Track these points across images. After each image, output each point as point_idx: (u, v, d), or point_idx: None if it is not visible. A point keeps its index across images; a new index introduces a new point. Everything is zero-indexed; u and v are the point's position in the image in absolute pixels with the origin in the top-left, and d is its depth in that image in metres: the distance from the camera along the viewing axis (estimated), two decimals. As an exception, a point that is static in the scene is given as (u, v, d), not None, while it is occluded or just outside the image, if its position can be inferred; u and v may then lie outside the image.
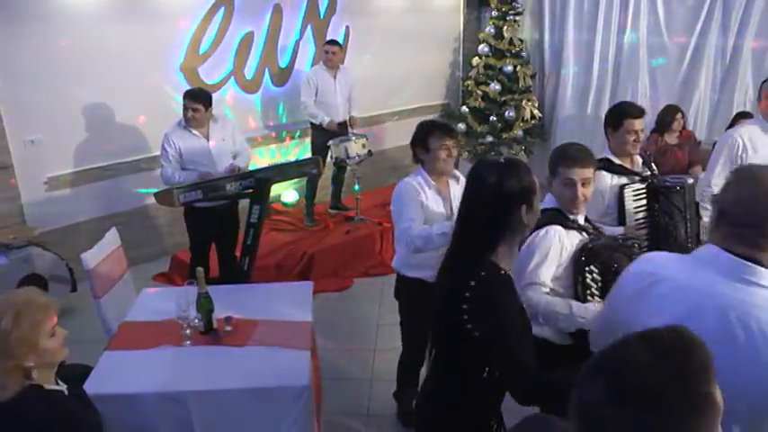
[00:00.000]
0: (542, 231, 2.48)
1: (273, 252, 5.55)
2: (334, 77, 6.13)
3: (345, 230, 5.92)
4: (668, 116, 5.58)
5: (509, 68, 7.28)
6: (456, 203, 2.95)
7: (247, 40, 6.23)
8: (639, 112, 3.31)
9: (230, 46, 6.12)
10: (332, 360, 4.21)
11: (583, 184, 2.55)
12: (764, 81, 3.81)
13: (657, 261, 1.78)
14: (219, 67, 6.11)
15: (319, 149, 6.06)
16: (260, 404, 2.60)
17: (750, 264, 1.53)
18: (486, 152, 7.52)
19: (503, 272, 1.88)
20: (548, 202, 2.64)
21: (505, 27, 7.30)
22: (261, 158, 6.49)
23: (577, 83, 7.40)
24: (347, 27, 6.95)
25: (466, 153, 7.92)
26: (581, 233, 2.57)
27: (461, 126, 7.54)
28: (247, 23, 6.17)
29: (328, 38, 6.58)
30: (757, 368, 1.48)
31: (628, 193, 3.22)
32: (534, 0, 7.63)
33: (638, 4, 6.72)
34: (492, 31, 7.37)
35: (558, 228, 2.51)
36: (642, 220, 3.24)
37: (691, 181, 3.36)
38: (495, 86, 7.26)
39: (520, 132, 7.29)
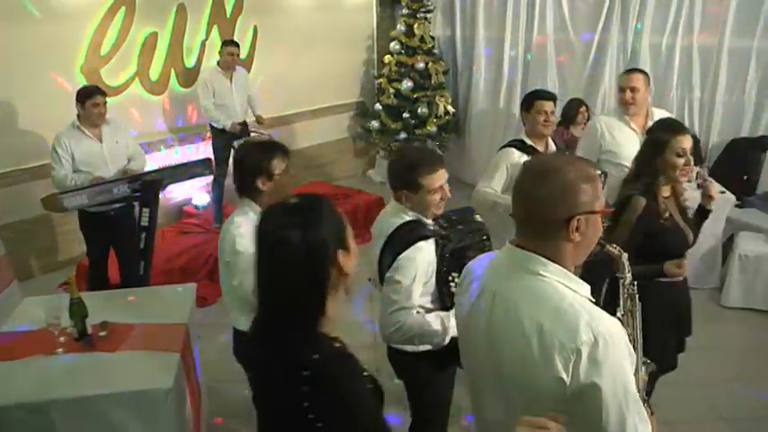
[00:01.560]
0: (408, 253, 2.38)
1: (180, 255, 5.47)
2: (230, 79, 6.08)
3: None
4: (573, 109, 5.75)
5: (421, 65, 7.34)
6: None
7: (151, 41, 6.10)
8: (550, 96, 3.69)
9: (133, 47, 5.98)
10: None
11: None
12: (623, 73, 4.09)
13: (478, 260, 1.81)
14: (123, 69, 5.96)
15: (220, 151, 6.02)
16: (125, 409, 2.54)
17: (527, 252, 1.54)
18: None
19: (338, 344, 1.54)
20: (393, 211, 2.56)
21: (416, 25, 7.35)
22: (170, 160, 6.38)
23: (489, 78, 7.50)
24: (255, 27, 6.90)
25: (381, 151, 7.98)
26: (435, 238, 2.51)
27: (375, 123, 7.58)
28: (150, 24, 6.04)
29: (236, 38, 6.52)
30: (508, 352, 1.53)
31: None
32: (445, -3, 7.72)
33: (544, 2, 6.85)
34: (403, 28, 7.42)
35: (422, 246, 2.42)
36: None
37: (598, 171, 3.49)
38: (407, 84, 7.31)
39: (434, 128, 7.36)
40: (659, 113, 4.01)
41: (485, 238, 2.62)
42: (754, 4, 5.78)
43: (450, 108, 7.47)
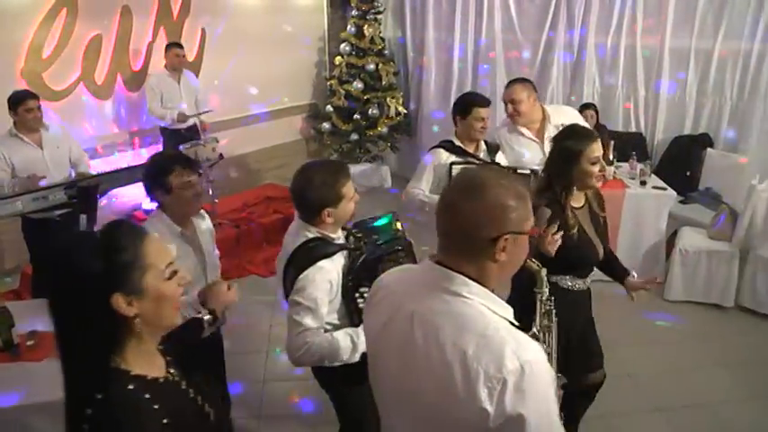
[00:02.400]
0: (308, 273, 2.31)
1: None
2: (178, 81, 6.01)
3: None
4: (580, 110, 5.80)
5: (371, 67, 7.35)
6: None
7: (96, 44, 5.99)
8: (487, 102, 3.67)
9: (77, 50, 5.87)
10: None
11: None
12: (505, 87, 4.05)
13: (390, 274, 1.73)
14: (67, 72, 5.85)
15: None
16: (48, 419, 2.50)
17: (449, 271, 1.46)
18: (352, 150, 7.58)
19: (131, 386, 1.36)
20: (295, 230, 2.49)
21: (366, 26, 7.36)
22: (120, 165, 6.27)
23: (439, 79, 7.56)
24: (203, 29, 6.83)
25: (334, 153, 7.96)
26: (343, 252, 2.44)
27: (326, 125, 7.57)
28: (94, 26, 5.92)
29: (184, 40, 6.46)
30: (426, 377, 1.45)
31: (456, 169, 3.44)
32: (396, -1, 7.74)
33: (492, 4, 6.92)
34: (353, 30, 7.42)
35: (323, 265, 2.33)
36: None
37: (526, 171, 3.53)
38: (357, 85, 7.32)
39: (385, 129, 7.38)
40: (556, 112, 4.06)
41: (399, 248, 2.51)
42: (691, 6, 5.94)
43: (401, 109, 7.50)
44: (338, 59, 7.56)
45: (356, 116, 7.36)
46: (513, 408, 1.32)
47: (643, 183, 5.33)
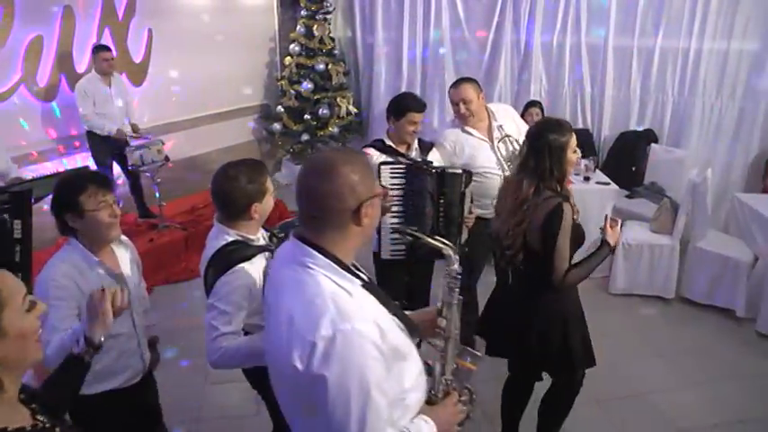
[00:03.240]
0: (225, 278, 2.29)
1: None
2: (110, 85, 5.91)
3: (149, 239, 5.73)
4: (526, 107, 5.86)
5: (321, 67, 7.34)
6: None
7: (36, 45, 5.85)
8: (422, 107, 3.61)
9: (17, 51, 5.74)
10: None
11: None
12: (451, 86, 4.00)
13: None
14: (6, 75, 5.71)
15: (102, 159, 5.85)
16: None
17: (303, 245, 1.60)
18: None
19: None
20: (215, 234, 2.47)
21: (316, 26, 7.35)
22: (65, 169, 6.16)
23: (389, 78, 7.58)
24: (150, 29, 6.73)
25: (286, 153, 7.93)
26: (264, 253, 2.43)
27: (277, 126, 7.53)
28: (34, 26, 5.78)
29: (130, 41, 6.36)
30: (271, 338, 1.63)
31: (384, 170, 3.42)
32: (345, -2, 7.75)
33: (440, 2, 6.97)
34: (303, 30, 7.40)
35: (241, 268, 2.32)
36: (396, 198, 3.45)
37: (458, 171, 3.54)
38: (307, 85, 7.30)
39: (336, 129, 7.37)
40: (497, 111, 4.05)
41: None
42: (632, 6, 6.07)
43: (352, 109, 7.50)
44: (288, 60, 7.54)
45: (307, 116, 7.34)
46: (318, 369, 1.45)
47: (587, 179, 5.42)
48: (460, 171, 3.52)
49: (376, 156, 3.54)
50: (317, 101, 7.34)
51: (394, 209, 3.47)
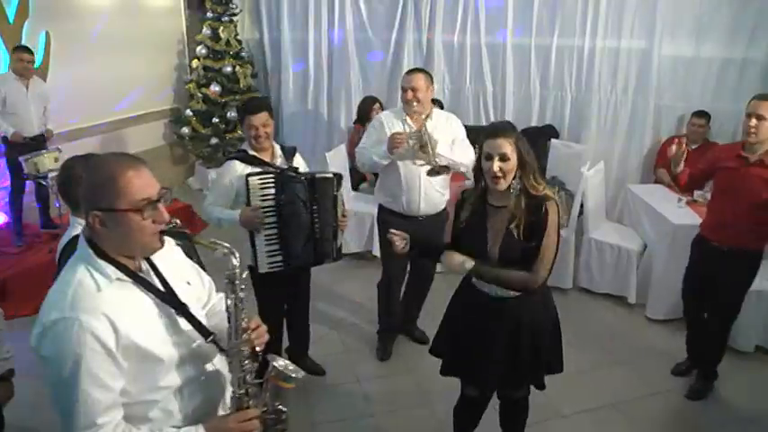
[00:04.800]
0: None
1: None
2: (26, 87, 5.75)
3: (48, 250, 5.57)
4: (367, 106, 5.90)
5: (228, 69, 7.27)
6: None
7: None
8: (257, 108, 3.45)
9: None
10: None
11: None
12: (406, 73, 4.09)
13: None
14: None
15: (14, 164, 5.67)
16: None
17: (82, 237, 1.76)
18: (213, 154, 7.49)
19: None
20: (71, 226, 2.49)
21: (222, 28, 7.28)
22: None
23: (297, 80, 7.57)
24: (48, 32, 6.54)
25: (197, 157, 7.84)
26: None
27: (186, 130, 7.43)
28: None
29: (24, 44, 6.16)
30: None
31: (253, 180, 3.32)
32: (251, 0, 7.67)
33: (344, 4, 7.01)
34: (209, 32, 7.32)
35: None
36: (268, 208, 3.37)
37: (329, 175, 3.55)
38: (215, 88, 7.23)
39: (245, 132, 7.30)
40: (443, 117, 4.15)
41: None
42: (528, 7, 6.24)
43: (261, 111, 7.44)
44: (195, 62, 7.45)
45: (215, 120, 7.27)
46: (39, 350, 1.63)
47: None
48: (331, 175, 3.54)
49: (241, 167, 3.41)
50: (225, 104, 7.28)
51: (268, 220, 3.38)
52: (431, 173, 3.77)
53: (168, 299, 1.80)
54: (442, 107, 6.02)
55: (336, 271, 5.57)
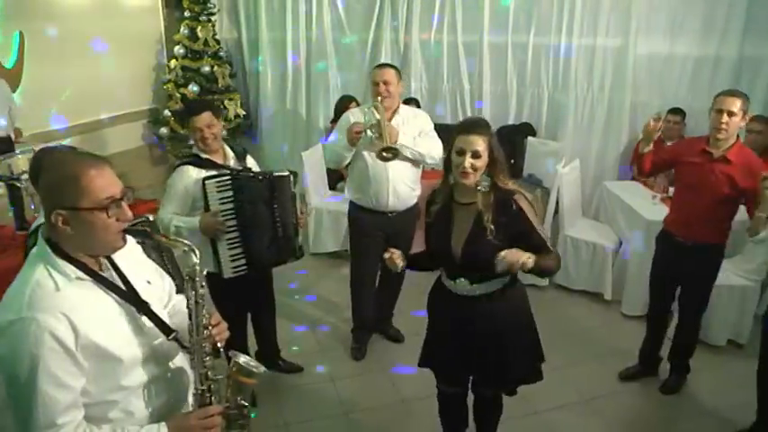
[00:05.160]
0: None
1: None
2: None
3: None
4: (343, 105, 5.91)
5: (207, 69, 7.23)
6: None
7: None
8: (200, 109, 3.48)
9: None
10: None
11: None
12: (375, 67, 4.14)
13: None
14: None
15: None
16: None
17: (42, 243, 1.72)
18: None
19: None
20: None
21: (199, 27, 7.24)
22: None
23: (275, 79, 7.55)
24: (21, 32, 6.48)
25: (175, 158, 7.79)
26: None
27: (164, 131, 7.40)
28: None
29: (-1, 45, 6.11)
30: None
31: (210, 184, 3.28)
32: (229, -1, 7.66)
33: (321, 3, 7.00)
34: (186, 32, 7.28)
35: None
36: (228, 211, 3.34)
37: (285, 173, 3.55)
38: (193, 88, 7.19)
39: (224, 132, 7.25)
40: (411, 114, 4.15)
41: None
42: (504, 8, 6.35)
43: (239, 111, 7.42)
44: (173, 62, 7.41)
45: (194, 120, 7.21)
46: None
47: (459, 173, 5.52)
48: (287, 172, 3.54)
49: (195, 172, 3.36)
50: (204, 104, 7.23)
51: (228, 223, 3.36)
52: (379, 156, 3.78)
53: (130, 297, 1.81)
54: (419, 106, 6.06)
55: (313, 270, 5.59)
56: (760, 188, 3.28)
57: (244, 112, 7.53)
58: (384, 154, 3.77)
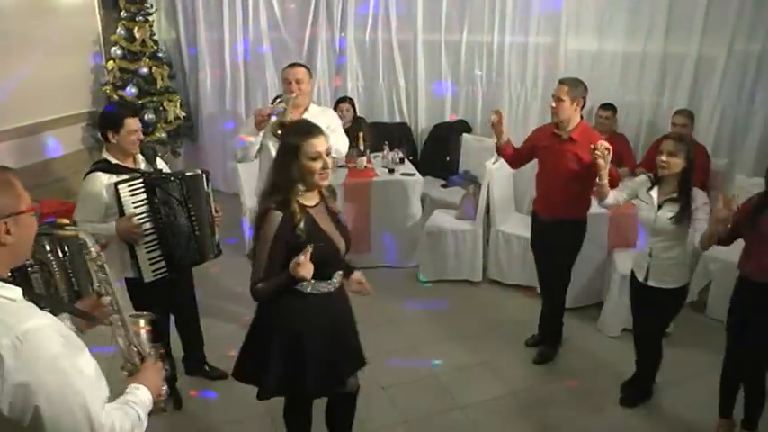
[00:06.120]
0: None
1: None
2: None
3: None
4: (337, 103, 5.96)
5: (144, 70, 7.16)
6: None
7: None
8: (136, 111, 3.56)
9: None
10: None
11: None
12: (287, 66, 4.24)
13: None
14: None
15: None
16: None
17: None
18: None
19: None
20: None
21: (136, 28, 7.17)
22: None
23: (214, 80, 7.52)
24: (-56, 34, 6.33)
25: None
26: None
27: (103, 134, 7.30)
28: None
29: None
30: None
31: (123, 189, 3.27)
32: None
33: (257, 3, 6.99)
34: (123, 32, 7.19)
35: None
36: (143, 215, 3.34)
37: (197, 172, 3.61)
38: (131, 90, 7.11)
39: (164, 135, 7.22)
40: (319, 112, 4.21)
41: None
42: (437, 6, 6.38)
43: (179, 112, 7.36)
44: (110, 64, 7.32)
45: (132, 122, 7.15)
46: (15, 379, 1.46)
47: (391, 170, 5.61)
48: (199, 171, 3.58)
49: (106, 178, 3.33)
50: (142, 106, 7.16)
51: (145, 227, 3.34)
52: (278, 127, 3.81)
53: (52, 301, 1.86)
54: (353, 105, 6.12)
55: (243, 269, 5.58)
56: (593, 158, 3.67)
57: (184, 114, 7.47)
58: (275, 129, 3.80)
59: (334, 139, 4.03)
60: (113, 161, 3.41)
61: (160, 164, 3.66)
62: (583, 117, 4.15)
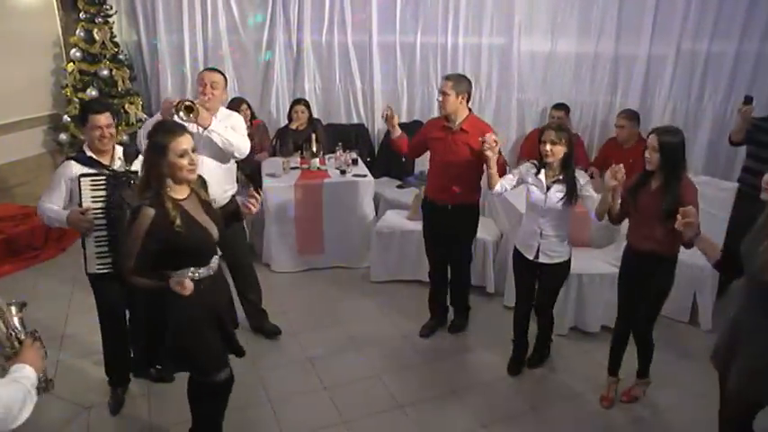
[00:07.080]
0: None
1: None
2: None
3: None
4: (234, 106, 5.96)
5: (105, 73, 7.15)
6: None
7: None
8: (103, 108, 3.57)
9: None
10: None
11: None
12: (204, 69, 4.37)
13: None
14: None
15: None
16: None
17: None
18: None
19: None
20: None
21: (96, 30, 7.15)
22: None
23: (175, 82, 7.52)
24: None
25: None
26: None
27: (64, 137, 7.30)
28: None
29: None
30: None
31: (85, 181, 3.43)
32: (127, 1, 7.56)
33: (216, 5, 7.00)
34: (83, 34, 7.18)
35: None
36: (99, 211, 3.47)
37: None
38: (91, 92, 7.11)
39: (125, 137, 7.21)
40: (225, 115, 4.24)
41: None
42: (391, 8, 6.45)
43: (141, 115, 7.36)
44: (70, 66, 7.30)
45: (92, 125, 7.13)
46: None
47: (343, 172, 5.66)
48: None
49: (77, 168, 3.48)
50: (103, 108, 7.15)
51: (98, 222, 3.46)
52: (177, 108, 3.78)
53: None
54: (308, 106, 6.17)
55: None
56: (482, 149, 3.93)
57: (145, 116, 7.46)
58: (183, 110, 3.78)
59: (239, 137, 4.10)
60: (89, 154, 3.55)
61: (137, 166, 3.70)
62: (471, 110, 4.41)
